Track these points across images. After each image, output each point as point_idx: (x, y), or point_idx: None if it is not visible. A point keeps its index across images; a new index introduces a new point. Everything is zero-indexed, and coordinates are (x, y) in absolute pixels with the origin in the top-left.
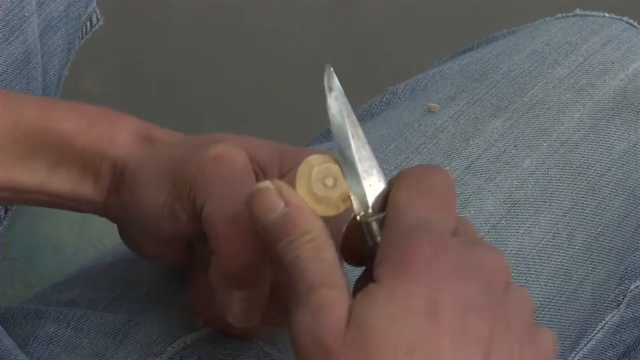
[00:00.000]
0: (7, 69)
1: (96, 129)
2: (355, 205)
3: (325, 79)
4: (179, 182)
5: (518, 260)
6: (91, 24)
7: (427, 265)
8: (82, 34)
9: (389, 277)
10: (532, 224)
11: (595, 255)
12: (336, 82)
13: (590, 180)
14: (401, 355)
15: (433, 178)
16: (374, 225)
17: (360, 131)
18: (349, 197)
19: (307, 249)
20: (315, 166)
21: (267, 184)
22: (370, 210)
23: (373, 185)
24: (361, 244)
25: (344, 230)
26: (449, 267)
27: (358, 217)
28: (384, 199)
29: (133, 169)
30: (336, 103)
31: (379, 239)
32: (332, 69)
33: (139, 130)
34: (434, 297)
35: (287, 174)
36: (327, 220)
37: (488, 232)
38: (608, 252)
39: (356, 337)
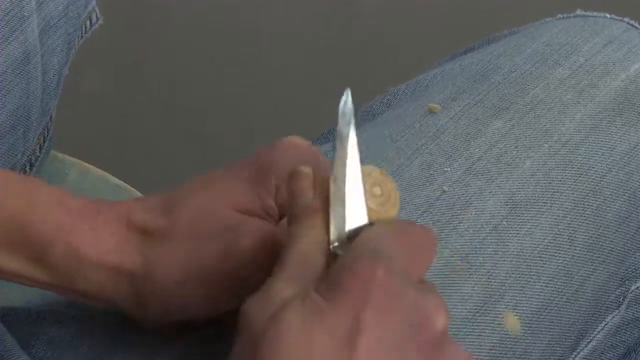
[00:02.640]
0: (7, 68)
1: (76, 232)
2: (333, 234)
3: (342, 103)
4: (222, 278)
5: (519, 262)
6: (91, 23)
7: (362, 289)
8: (81, 34)
9: (322, 289)
10: (533, 225)
11: (596, 256)
12: (350, 107)
13: (592, 181)
14: None
15: (418, 230)
16: (338, 254)
17: (357, 165)
18: (396, 204)
19: (305, 242)
20: (368, 175)
21: (307, 170)
22: (345, 239)
23: (356, 219)
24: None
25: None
26: (384, 300)
27: (331, 247)
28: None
29: (150, 276)
30: (345, 130)
31: None
32: (349, 93)
33: (126, 225)
34: (357, 324)
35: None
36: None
37: (489, 233)
38: (609, 253)
39: (270, 338)
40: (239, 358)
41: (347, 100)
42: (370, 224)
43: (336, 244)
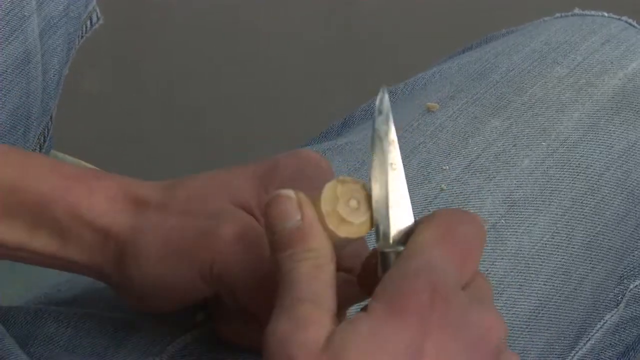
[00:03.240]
0: (7, 68)
1: (73, 193)
2: (378, 234)
3: (378, 100)
4: (196, 259)
5: (517, 260)
6: (91, 23)
7: (422, 311)
8: (82, 33)
9: (380, 311)
10: (531, 224)
11: (595, 255)
12: (387, 105)
13: (590, 180)
14: None
15: (465, 227)
16: (391, 257)
17: (400, 163)
18: (371, 223)
19: (306, 264)
20: (341, 186)
21: (289, 193)
22: (390, 242)
23: (400, 218)
24: (377, 275)
25: (364, 258)
26: (443, 320)
27: (377, 246)
28: (408, 235)
29: (134, 241)
30: (384, 127)
31: None
32: (386, 90)
33: (124, 193)
34: (419, 345)
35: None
36: (344, 243)
37: (487, 231)
38: (607, 251)
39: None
40: None
41: (383, 98)
42: (416, 221)
43: (386, 249)
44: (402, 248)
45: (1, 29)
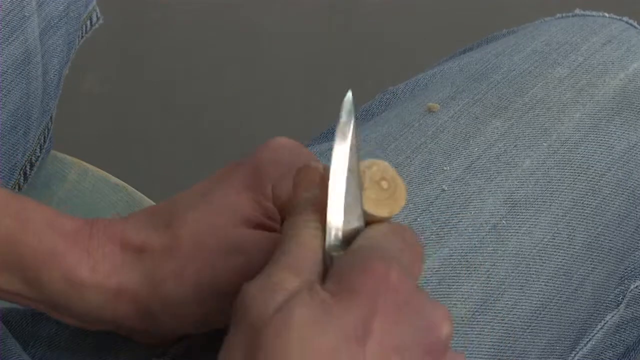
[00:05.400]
0: (8, 69)
1: (71, 256)
2: (328, 236)
3: (345, 103)
4: (224, 294)
5: (518, 260)
6: (91, 23)
7: (375, 290)
8: (82, 33)
9: (333, 287)
10: (532, 224)
11: (596, 255)
12: (351, 108)
13: (591, 180)
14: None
15: (412, 234)
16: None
17: (356, 166)
18: (405, 196)
19: (306, 233)
20: (368, 171)
21: (318, 166)
22: (339, 244)
23: (351, 222)
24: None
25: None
26: (394, 302)
27: (326, 247)
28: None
29: (157, 292)
30: (345, 129)
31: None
32: (351, 95)
33: (121, 245)
34: (368, 323)
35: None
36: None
37: (489, 232)
38: (608, 252)
39: (278, 329)
40: (235, 346)
41: (348, 95)
42: (367, 223)
43: (332, 242)
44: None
45: (1, 29)
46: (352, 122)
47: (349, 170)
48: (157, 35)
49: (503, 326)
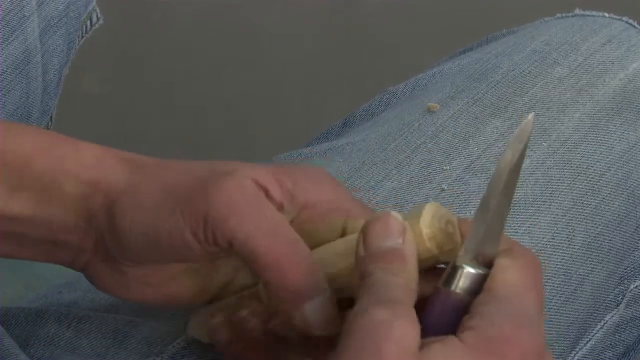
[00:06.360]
0: (7, 68)
1: (59, 148)
2: (465, 246)
3: (522, 127)
4: (190, 215)
5: None
6: (91, 22)
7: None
8: (82, 33)
9: (480, 344)
10: (532, 224)
11: (595, 255)
12: (528, 135)
13: (590, 180)
14: None
15: (540, 273)
16: (468, 275)
17: (512, 193)
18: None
19: (397, 281)
20: (436, 209)
21: (398, 215)
22: (471, 258)
23: (489, 243)
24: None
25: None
26: None
27: (458, 256)
28: (489, 261)
29: (127, 192)
30: (517, 154)
31: (458, 287)
32: (532, 120)
33: (113, 153)
34: None
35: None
36: (430, 266)
37: None
38: (608, 251)
39: None
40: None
41: (527, 121)
42: (503, 251)
43: (467, 266)
44: (482, 271)
45: (1, 29)
46: (525, 144)
47: (505, 187)
48: (157, 35)
49: None
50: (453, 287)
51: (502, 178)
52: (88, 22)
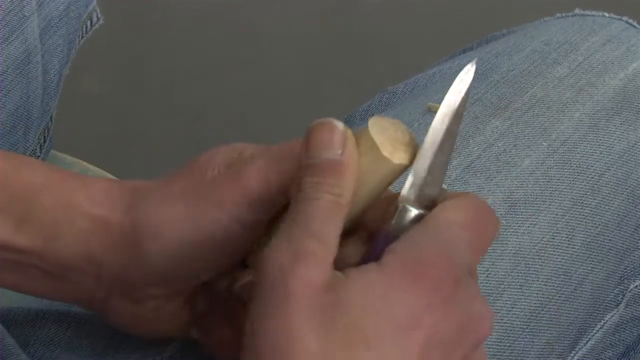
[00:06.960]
0: (8, 68)
1: (68, 184)
2: (407, 185)
3: (462, 74)
4: (226, 198)
5: (517, 260)
6: (91, 23)
7: (435, 284)
8: (82, 33)
9: (396, 269)
10: (531, 224)
11: (595, 255)
12: (470, 78)
13: (590, 180)
14: (370, 344)
15: (491, 224)
16: (408, 215)
17: (454, 131)
18: (414, 155)
19: (328, 199)
20: (384, 121)
21: (339, 124)
22: (413, 198)
23: (431, 184)
24: (376, 222)
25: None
26: (448, 299)
27: (400, 196)
28: (432, 203)
29: (145, 216)
30: (454, 99)
31: (396, 225)
32: (474, 68)
33: (119, 185)
34: (421, 315)
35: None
36: (384, 180)
37: None
38: (608, 251)
39: (336, 306)
40: (262, 312)
41: (470, 70)
42: (444, 190)
43: (410, 206)
44: (423, 212)
45: (1, 29)
46: (468, 88)
47: (447, 129)
48: (157, 35)
49: (502, 326)
50: (392, 225)
51: (445, 121)
52: (88, 22)
